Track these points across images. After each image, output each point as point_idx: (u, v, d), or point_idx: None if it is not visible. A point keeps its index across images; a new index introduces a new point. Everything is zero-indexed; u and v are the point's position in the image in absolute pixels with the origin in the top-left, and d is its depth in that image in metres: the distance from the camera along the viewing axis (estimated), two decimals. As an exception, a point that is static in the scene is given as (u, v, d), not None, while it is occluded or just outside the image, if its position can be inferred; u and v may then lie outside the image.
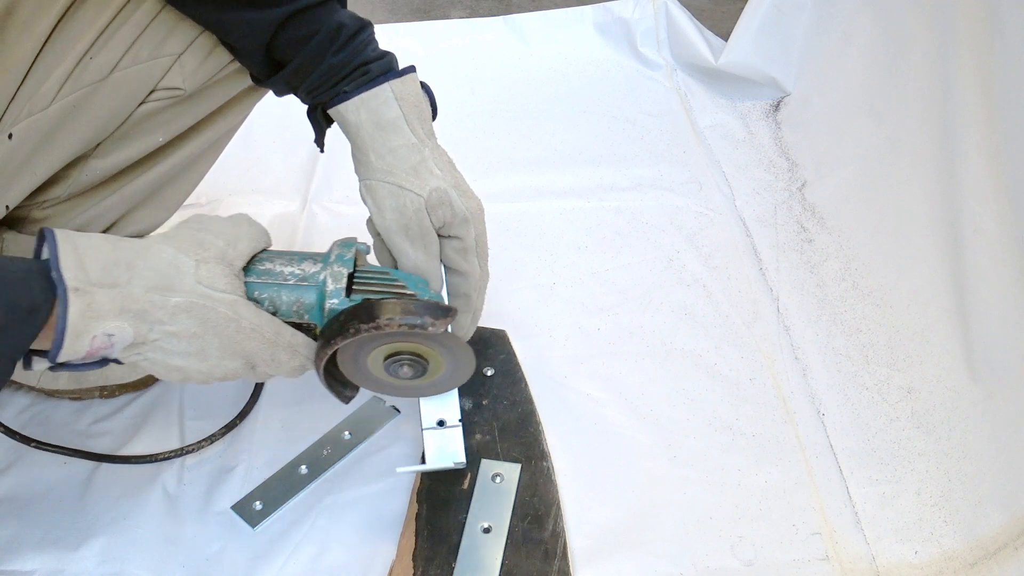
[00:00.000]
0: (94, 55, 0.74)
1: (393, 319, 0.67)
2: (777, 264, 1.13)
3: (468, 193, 0.80)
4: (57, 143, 0.75)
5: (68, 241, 0.60)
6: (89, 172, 0.81)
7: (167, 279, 0.63)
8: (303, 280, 0.72)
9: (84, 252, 0.60)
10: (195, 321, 0.64)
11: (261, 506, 0.85)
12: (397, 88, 0.77)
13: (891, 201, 1.13)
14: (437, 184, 0.77)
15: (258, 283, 0.71)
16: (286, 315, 0.71)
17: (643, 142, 1.36)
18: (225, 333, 0.66)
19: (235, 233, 0.70)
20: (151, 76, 0.77)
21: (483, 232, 0.81)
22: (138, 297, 0.62)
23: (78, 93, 0.74)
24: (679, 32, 1.51)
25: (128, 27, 0.75)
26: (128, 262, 0.62)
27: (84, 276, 0.59)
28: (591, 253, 1.16)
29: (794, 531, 0.83)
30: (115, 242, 0.63)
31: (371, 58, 0.77)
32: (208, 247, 0.67)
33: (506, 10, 1.67)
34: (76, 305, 0.58)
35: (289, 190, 1.28)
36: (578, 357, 1.01)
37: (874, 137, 1.20)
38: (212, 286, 0.65)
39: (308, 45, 0.75)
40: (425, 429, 0.86)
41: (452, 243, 0.80)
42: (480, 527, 0.80)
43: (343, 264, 0.73)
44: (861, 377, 0.98)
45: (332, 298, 0.71)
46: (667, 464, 0.90)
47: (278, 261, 0.72)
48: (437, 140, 0.81)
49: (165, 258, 0.64)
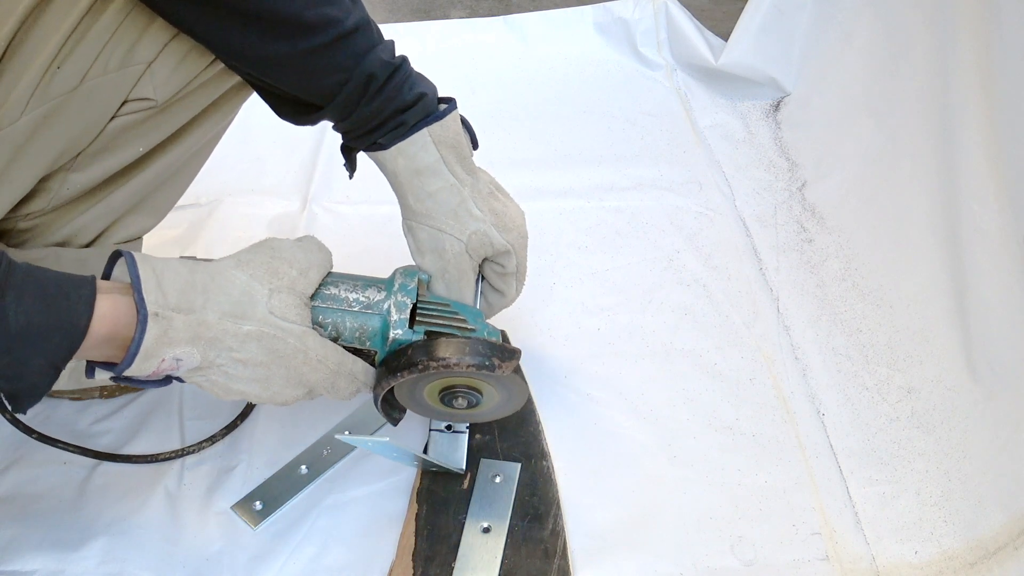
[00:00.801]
0: (61, 63, 0.72)
1: (463, 359, 0.69)
2: (777, 264, 1.13)
3: (509, 225, 0.80)
4: (30, 157, 0.74)
5: (147, 264, 0.61)
6: (70, 186, 0.80)
7: (240, 307, 0.64)
8: (368, 308, 0.73)
9: (163, 275, 0.61)
10: (264, 351, 0.65)
11: (261, 506, 0.85)
12: (436, 133, 0.75)
13: (891, 201, 1.13)
14: (476, 227, 0.77)
15: (323, 308, 0.72)
16: (348, 340, 0.73)
17: (643, 142, 1.36)
18: (292, 364, 0.66)
19: (307, 261, 0.70)
20: (122, 86, 0.75)
21: (524, 259, 0.83)
22: (212, 324, 0.62)
23: (48, 105, 0.72)
24: (679, 32, 1.51)
25: (96, 32, 0.72)
26: (203, 286, 0.63)
27: (163, 300, 0.60)
28: (591, 253, 1.16)
29: (794, 531, 0.83)
30: (191, 265, 0.64)
31: (407, 103, 0.74)
32: (281, 276, 0.67)
33: (506, 10, 1.67)
34: (153, 330, 0.59)
35: (289, 190, 1.28)
36: (578, 357, 1.01)
37: (874, 137, 1.20)
38: (284, 316, 0.65)
39: (339, 95, 0.73)
40: (432, 430, 0.86)
41: (494, 267, 0.82)
42: (480, 527, 0.80)
43: (407, 294, 0.74)
44: (861, 377, 0.98)
45: (396, 328, 0.72)
46: (667, 464, 0.90)
47: (343, 286, 0.73)
48: (477, 172, 0.80)
49: (239, 285, 0.64)
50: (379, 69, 0.72)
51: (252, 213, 1.24)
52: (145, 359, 0.60)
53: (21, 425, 0.84)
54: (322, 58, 0.71)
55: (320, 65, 0.71)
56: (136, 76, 0.75)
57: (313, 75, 0.72)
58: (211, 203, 1.23)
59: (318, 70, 0.72)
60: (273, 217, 1.23)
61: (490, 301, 0.84)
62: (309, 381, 0.69)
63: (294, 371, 0.67)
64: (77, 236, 0.85)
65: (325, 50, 0.70)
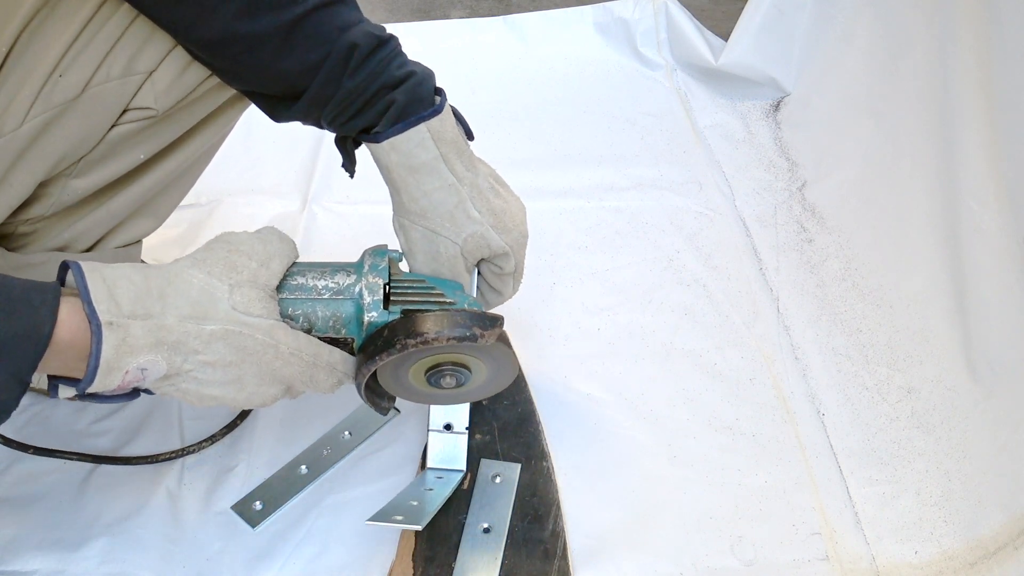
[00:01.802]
0: (64, 72, 0.70)
1: (442, 332, 0.65)
2: (777, 264, 1.13)
3: (509, 225, 0.76)
4: (30, 163, 0.73)
5: (96, 272, 0.58)
6: (70, 191, 0.79)
7: (201, 307, 0.61)
8: (338, 293, 0.69)
9: (114, 283, 0.58)
10: (231, 349, 0.62)
11: (261, 506, 0.85)
12: (435, 128, 0.71)
13: (891, 201, 1.13)
14: (474, 229, 0.74)
15: (292, 299, 0.68)
16: (322, 330, 0.69)
17: (643, 142, 1.36)
18: (263, 360, 0.64)
19: (266, 252, 0.67)
20: (123, 95, 0.74)
21: (522, 260, 0.80)
22: (172, 327, 0.59)
23: (50, 112, 0.71)
24: (679, 32, 1.51)
25: (98, 41, 0.71)
26: (160, 291, 0.60)
27: (116, 309, 0.57)
28: (591, 253, 1.16)
29: (794, 531, 0.83)
30: (144, 271, 0.61)
31: (395, 79, 0.70)
32: (241, 270, 0.64)
33: (506, 10, 1.67)
34: (110, 340, 0.56)
35: (289, 190, 1.28)
36: (578, 357, 1.01)
37: (874, 137, 1.20)
38: (248, 312, 0.62)
39: (320, 71, 0.69)
40: (431, 430, 0.86)
41: (491, 267, 0.79)
42: (480, 527, 0.80)
43: (378, 274, 0.70)
44: (861, 377, 0.98)
45: (371, 311, 0.69)
46: (667, 464, 0.90)
47: (310, 274, 0.70)
48: (477, 166, 0.76)
49: (197, 284, 0.62)
50: (362, 39, 0.69)
51: (252, 213, 1.24)
52: (107, 372, 0.57)
53: (15, 444, 0.83)
54: (301, 30, 0.67)
55: (299, 39, 0.68)
56: (137, 85, 0.74)
57: (293, 51, 0.68)
58: (211, 203, 1.23)
59: (297, 44, 0.68)
60: (273, 217, 1.23)
61: (486, 298, 0.83)
62: (285, 377, 0.65)
63: (266, 367, 0.64)
64: (78, 241, 0.84)
65: (304, 20, 0.67)
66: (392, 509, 0.75)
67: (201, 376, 0.62)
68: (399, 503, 0.77)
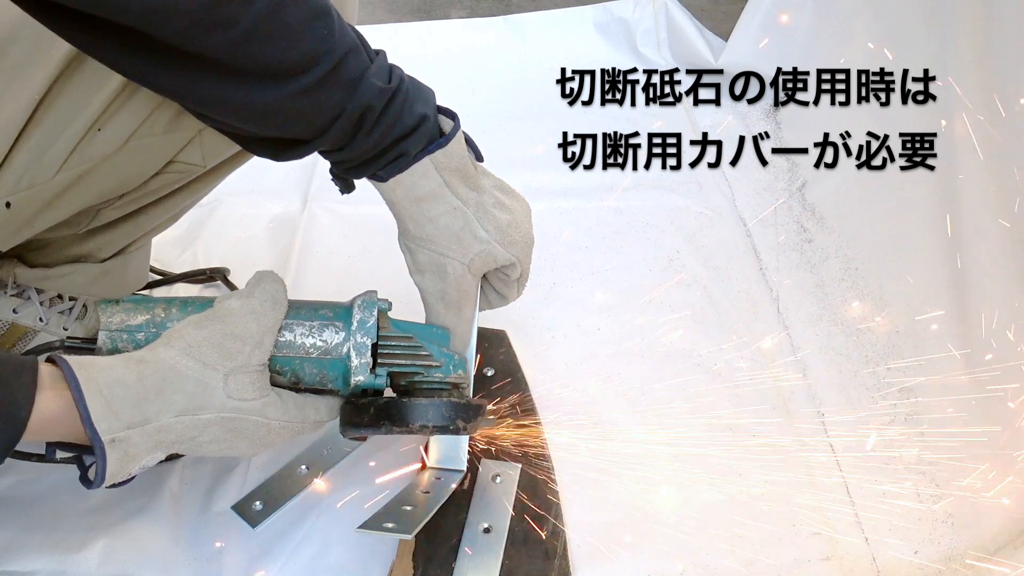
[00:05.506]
0: (103, 125, 0.70)
1: (427, 424, 0.68)
2: (777, 264, 1.13)
3: (516, 237, 0.75)
4: (60, 207, 0.73)
5: (92, 384, 0.58)
6: (100, 219, 0.80)
7: (197, 400, 0.62)
8: (326, 353, 0.70)
9: (111, 393, 0.58)
10: (225, 431, 0.64)
11: (261, 506, 0.85)
12: (439, 160, 0.69)
13: (891, 201, 1.13)
14: (481, 248, 0.73)
15: (280, 357, 0.70)
16: (309, 384, 0.71)
17: (643, 142, 1.36)
18: (256, 435, 0.65)
19: (260, 329, 0.66)
20: (167, 150, 0.74)
21: (528, 267, 0.79)
22: (171, 427, 0.61)
23: (85, 165, 0.71)
24: (679, 32, 1.51)
25: (142, 97, 0.70)
26: (156, 389, 0.61)
27: (116, 421, 0.58)
28: (591, 253, 1.16)
29: (794, 531, 0.83)
30: (138, 369, 0.61)
31: (408, 129, 0.67)
32: (235, 356, 0.64)
33: (506, 10, 1.67)
34: (114, 456, 0.58)
35: (289, 190, 1.28)
36: (578, 357, 1.01)
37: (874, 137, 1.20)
38: (242, 397, 0.64)
39: (330, 130, 0.65)
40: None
41: (498, 274, 0.79)
42: (480, 527, 0.80)
43: (366, 333, 0.71)
44: (861, 377, 0.98)
45: (357, 374, 0.70)
46: (667, 464, 0.90)
47: (298, 330, 0.70)
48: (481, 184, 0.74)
49: (192, 377, 0.62)
50: (375, 99, 0.64)
51: (252, 213, 1.24)
52: (111, 479, 0.59)
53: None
54: (312, 98, 0.62)
55: (310, 105, 0.63)
56: (183, 142, 0.75)
57: (302, 117, 0.64)
58: (211, 203, 1.23)
59: (308, 111, 0.64)
60: (273, 217, 1.23)
61: (490, 300, 0.83)
62: (274, 442, 0.68)
63: (258, 440, 0.66)
64: (101, 251, 0.86)
65: (314, 89, 0.62)
66: (384, 515, 0.75)
67: (195, 448, 0.64)
68: (392, 508, 0.77)
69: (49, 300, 0.87)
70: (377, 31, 1.60)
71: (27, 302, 0.86)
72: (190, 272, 1.12)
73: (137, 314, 0.70)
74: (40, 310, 0.86)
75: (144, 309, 0.71)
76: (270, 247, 1.20)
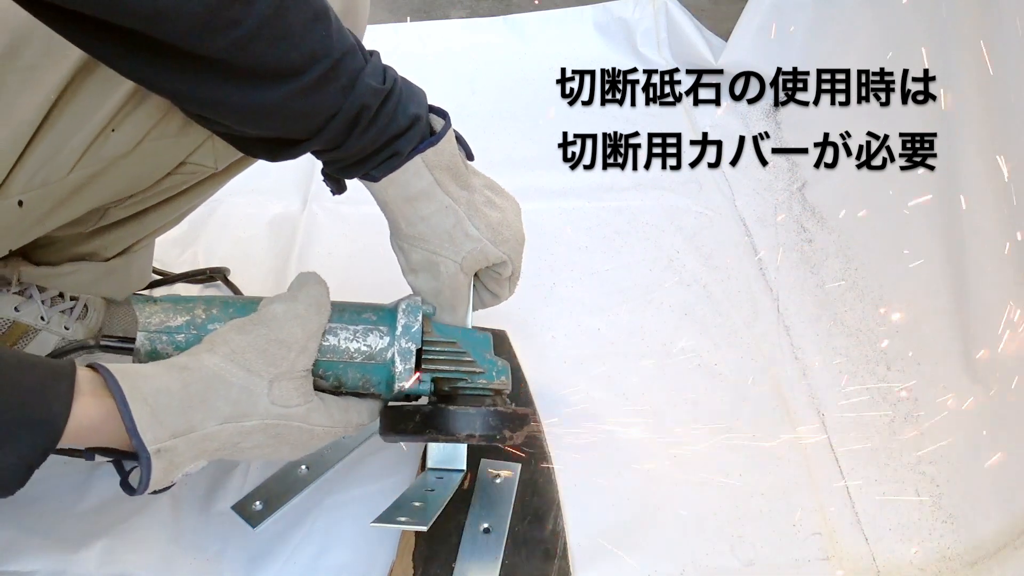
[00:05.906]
0: (117, 126, 0.70)
1: (473, 433, 0.69)
2: (777, 264, 1.13)
3: (507, 235, 0.76)
4: (72, 206, 0.73)
5: (136, 393, 0.57)
6: (107, 218, 0.80)
7: (241, 407, 0.61)
8: (370, 358, 0.70)
9: (156, 402, 0.58)
10: (269, 437, 0.63)
11: (261, 506, 0.85)
12: (430, 158, 0.70)
13: (891, 201, 1.13)
14: (472, 247, 0.74)
15: (323, 361, 0.69)
16: (351, 388, 0.71)
17: (643, 142, 1.36)
18: (298, 440, 0.65)
19: (305, 334, 0.65)
20: (179, 151, 0.74)
21: (519, 264, 0.80)
22: (215, 435, 0.60)
23: (98, 165, 0.71)
24: (679, 32, 1.51)
25: (155, 98, 0.70)
26: (201, 396, 0.60)
27: (162, 431, 0.58)
28: (591, 253, 1.16)
29: (794, 531, 0.83)
30: (182, 376, 0.60)
31: (401, 129, 0.68)
32: (279, 362, 0.63)
33: (506, 10, 1.67)
34: (159, 466, 0.58)
35: (289, 190, 1.28)
36: (578, 357, 1.01)
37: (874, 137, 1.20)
38: (286, 404, 0.63)
39: (325, 129, 0.65)
40: None
41: (490, 273, 0.79)
42: (480, 527, 0.80)
43: (411, 339, 0.70)
44: (861, 377, 0.99)
45: (401, 380, 0.70)
46: (667, 464, 0.90)
47: (342, 334, 0.70)
48: (472, 183, 0.75)
49: (237, 383, 0.61)
50: (371, 99, 0.65)
51: (252, 213, 1.24)
52: (155, 486, 0.59)
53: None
54: (310, 97, 0.63)
55: (308, 105, 0.64)
56: (196, 143, 0.75)
57: (300, 116, 0.65)
58: (211, 203, 1.21)
59: (306, 110, 0.64)
60: (273, 217, 1.23)
61: (483, 299, 0.83)
62: (317, 446, 0.68)
63: (301, 445, 0.66)
64: (107, 249, 0.86)
65: (312, 89, 0.62)
66: (396, 510, 0.75)
67: (237, 453, 0.64)
68: (402, 504, 0.77)
69: (51, 299, 0.87)
70: (377, 31, 1.59)
71: (29, 300, 0.86)
72: (190, 272, 1.12)
73: (176, 315, 0.69)
74: (41, 308, 0.86)
75: (184, 310, 0.69)
76: (270, 247, 1.20)
